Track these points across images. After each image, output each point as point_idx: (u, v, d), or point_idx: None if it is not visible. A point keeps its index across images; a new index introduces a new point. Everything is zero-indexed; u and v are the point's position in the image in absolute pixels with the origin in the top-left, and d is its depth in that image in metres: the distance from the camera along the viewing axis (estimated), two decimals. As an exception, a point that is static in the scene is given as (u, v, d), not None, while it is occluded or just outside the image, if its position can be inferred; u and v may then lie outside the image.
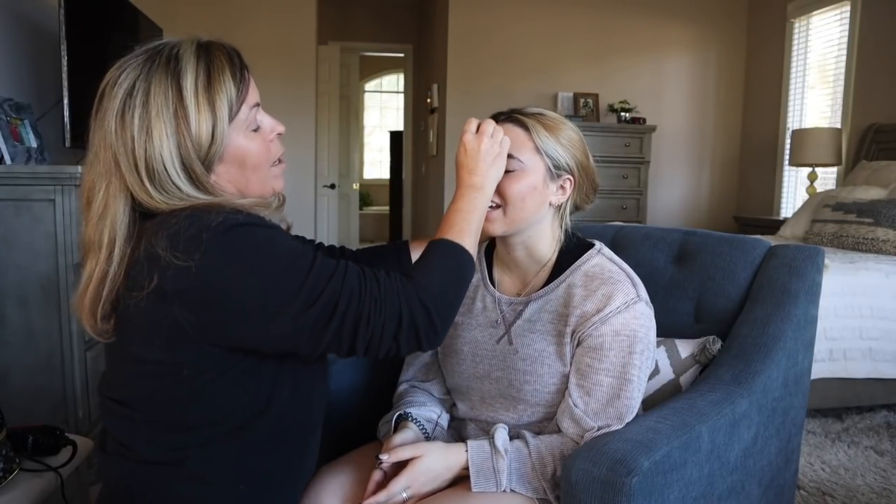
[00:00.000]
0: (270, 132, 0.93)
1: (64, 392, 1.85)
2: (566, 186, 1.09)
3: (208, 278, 0.78)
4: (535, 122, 1.07)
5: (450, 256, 0.92)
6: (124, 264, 0.83)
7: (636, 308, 1.02)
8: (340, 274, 0.84)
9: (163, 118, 0.83)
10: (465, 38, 4.96)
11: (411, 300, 0.85)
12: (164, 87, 0.83)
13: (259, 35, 4.76)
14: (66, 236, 1.81)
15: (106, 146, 0.84)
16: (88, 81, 2.35)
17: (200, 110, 0.84)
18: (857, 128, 4.13)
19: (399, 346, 0.86)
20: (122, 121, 0.83)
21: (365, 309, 0.83)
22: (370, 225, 9.68)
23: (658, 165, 5.20)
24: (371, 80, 10.38)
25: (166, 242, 0.78)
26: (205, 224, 0.79)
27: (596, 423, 1.00)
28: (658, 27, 5.18)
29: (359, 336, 0.83)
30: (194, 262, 0.77)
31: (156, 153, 0.83)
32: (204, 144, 0.85)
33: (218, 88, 0.85)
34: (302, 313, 0.80)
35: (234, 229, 0.80)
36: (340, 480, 1.07)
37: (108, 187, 0.84)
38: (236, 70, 0.88)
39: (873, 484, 2.00)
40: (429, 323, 0.86)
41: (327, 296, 0.81)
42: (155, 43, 0.88)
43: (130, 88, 0.84)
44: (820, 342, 2.39)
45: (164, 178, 0.83)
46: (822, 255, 1.27)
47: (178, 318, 0.80)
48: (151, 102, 0.83)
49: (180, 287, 0.78)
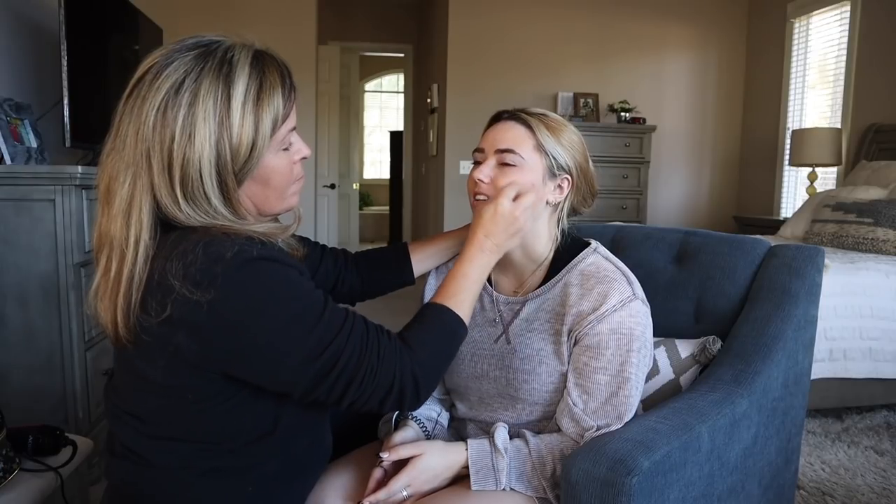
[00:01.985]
0: (296, 154, 0.92)
1: (64, 392, 1.85)
2: (563, 186, 1.10)
3: (218, 314, 0.77)
4: (537, 121, 1.07)
5: (448, 330, 0.93)
6: (147, 267, 0.81)
7: (632, 306, 1.02)
8: (347, 330, 0.84)
9: (208, 124, 0.79)
10: (465, 38, 4.96)
11: (405, 371, 0.86)
12: (214, 91, 0.80)
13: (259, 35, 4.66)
14: (66, 236, 1.81)
15: (140, 139, 0.80)
16: (88, 81, 2.36)
17: (245, 123, 0.81)
18: (857, 128, 4.13)
19: (382, 408, 0.87)
20: (163, 117, 0.79)
21: (360, 372, 0.83)
22: (370, 225, 9.68)
23: (658, 165, 5.20)
24: (371, 80, 10.38)
25: (181, 273, 0.76)
26: (219, 255, 0.77)
27: (595, 422, 1.00)
28: (658, 27, 5.18)
29: (348, 394, 0.84)
30: (206, 298, 0.76)
31: (194, 157, 0.80)
32: (241, 158, 0.82)
33: (266, 104, 0.83)
34: (305, 363, 0.81)
35: (248, 265, 0.78)
36: (342, 479, 1.08)
37: (135, 181, 0.80)
38: (286, 89, 0.86)
39: (873, 484, 2.00)
40: (414, 394, 0.87)
41: (331, 351, 0.81)
42: (206, 39, 0.84)
43: (178, 84, 0.79)
44: (820, 342, 2.39)
45: (197, 185, 0.81)
46: (822, 255, 1.27)
47: (181, 345, 0.79)
48: (199, 105, 0.79)
49: (189, 318, 0.77)
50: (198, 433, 0.86)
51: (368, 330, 0.86)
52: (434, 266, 1.26)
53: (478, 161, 1.10)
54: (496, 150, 1.07)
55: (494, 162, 1.07)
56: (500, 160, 1.06)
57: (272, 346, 0.79)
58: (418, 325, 0.92)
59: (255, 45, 0.87)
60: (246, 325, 0.78)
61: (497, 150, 1.06)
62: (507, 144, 1.06)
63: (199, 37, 0.85)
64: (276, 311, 0.79)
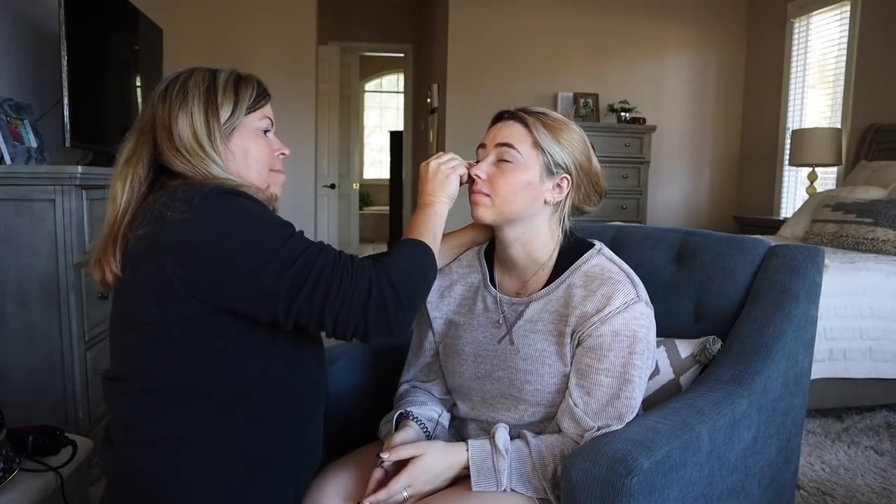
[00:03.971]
0: (276, 146, 1.08)
1: (64, 392, 1.85)
2: (563, 185, 1.10)
3: (197, 234, 0.88)
4: (535, 120, 1.09)
5: (412, 246, 1.01)
6: (132, 210, 0.95)
7: (636, 308, 1.02)
8: (318, 246, 0.92)
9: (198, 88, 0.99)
10: (464, 38, 4.96)
11: (381, 278, 0.92)
12: (201, 79, 1.01)
13: (259, 35, 4.77)
14: (66, 236, 1.81)
15: (148, 110, 1.01)
16: (88, 81, 2.36)
17: (226, 95, 1.00)
18: (857, 128, 4.13)
19: (367, 322, 0.90)
20: (165, 94, 1.00)
21: (336, 278, 0.89)
22: (370, 225, 9.68)
23: (658, 165, 5.20)
24: (371, 80, 10.38)
25: (166, 202, 0.89)
26: (199, 187, 0.91)
27: (596, 423, 1.00)
28: (658, 27, 5.18)
29: (328, 303, 0.88)
30: (184, 217, 0.86)
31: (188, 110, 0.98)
32: (226, 111, 1.00)
33: (244, 84, 1.03)
34: (279, 274, 0.87)
35: (223, 195, 0.90)
36: (342, 479, 1.08)
37: (138, 140, 0.99)
38: (261, 89, 1.06)
39: (873, 484, 2.00)
40: (396, 300, 0.91)
41: (303, 261, 0.89)
42: None
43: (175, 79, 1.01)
44: (820, 342, 2.39)
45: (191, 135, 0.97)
46: (822, 255, 1.27)
47: (168, 273, 0.88)
48: (189, 81, 1.00)
49: (172, 242, 0.88)
50: (185, 384, 0.92)
51: (339, 252, 0.95)
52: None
53: (479, 158, 1.12)
54: (497, 143, 1.09)
55: (493, 158, 1.09)
56: (500, 155, 1.08)
57: (247, 257, 0.87)
58: (388, 251, 1.01)
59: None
60: (222, 241, 0.88)
61: (498, 143, 1.09)
62: (506, 138, 1.08)
63: None
64: (248, 227, 0.89)
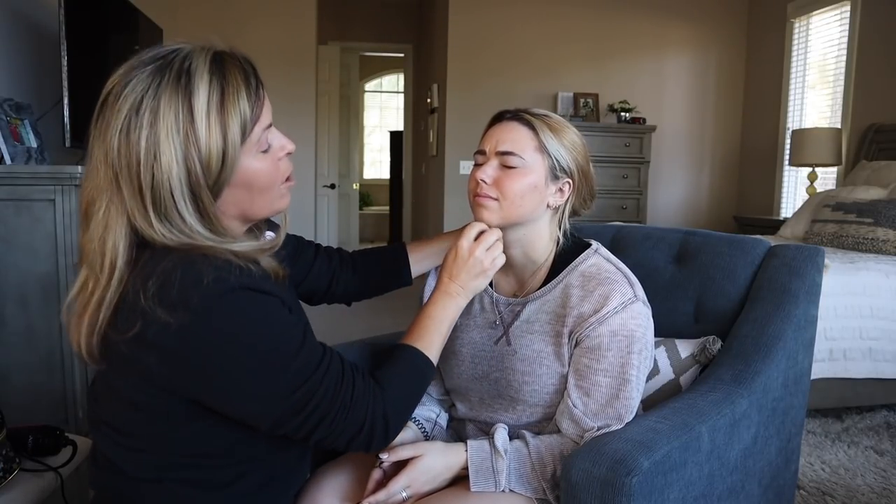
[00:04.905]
0: (280, 150, 0.88)
1: (64, 392, 1.85)
2: (565, 189, 1.09)
3: (191, 342, 0.76)
4: (540, 122, 1.07)
5: (417, 370, 0.95)
6: (120, 289, 0.79)
7: (633, 308, 1.02)
8: (323, 369, 0.83)
9: (172, 141, 0.77)
10: (464, 38, 4.96)
11: (376, 413, 0.87)
12: (174, 106, 0.77)
13: (259, 35, 4.77)
14: (66, 236, 1.81)
15: (107, 163, 0.79)
16: (88, 81, 2.37)
17: (212, 133, 0.78)
18: (857, 128, 4.13)
19: (348, 447, 0.87)
20: (126, 139, 0.77)
21: (332, 412, 0.83)
22: (370, 225, 9.68)
23: (658, 165, 5.20)
24: (371, 80, 10.38)
25: (156, 294, 0.75)
26: (196, 280, 0.75)
27: (595, 424, 1.00)
28: (658, 27, 5.18)
29: (317, 431, 0.84)
30: (179, 322, 0.74)
31: (164, 179, 0.77)
32: (214, 170, 0.80)
33: (231, 110, 0.80)
34: (276, 401, 0.80)
35: (225, 295, 0.76)
36: (339, 480, 1.07)
37: (108, 206, 0.79)
38: (251, 90, 0.82)
39: (873, 484, 1.99)
40: (383, 435, 0.88)
41: (304, 391, 0.81)
42: (164, 50, 0.81)
43: (137, 104, 0.77)
44: (820, 342, 2.39)
45: (170, 205, 0.78)
46: (822, 255, 1.27)
47: (152, 368, 0.78)
48: (160, 123, 0.77)
49: (161, 342, 0.76)
50: (168, 449, 0.85)
51: (344, 369, 0.86)
52: (433, 266, 1.26)
53: (479, 163, 1.09)
54: (497, 152, 1.06)
55: (497, 163, 1.06)
56: (503, 162, 1.06)
57: (243, 380, 0.78)
58: (391, 366, 0.93)
59: (216, 47, 0.83)
60: (218, 357, 0.77)
61: (498, 152, 1.06)
62: (508, 146, 1.05)
63: (158, 48, 0.82)
64: (250, 346, 0.78)
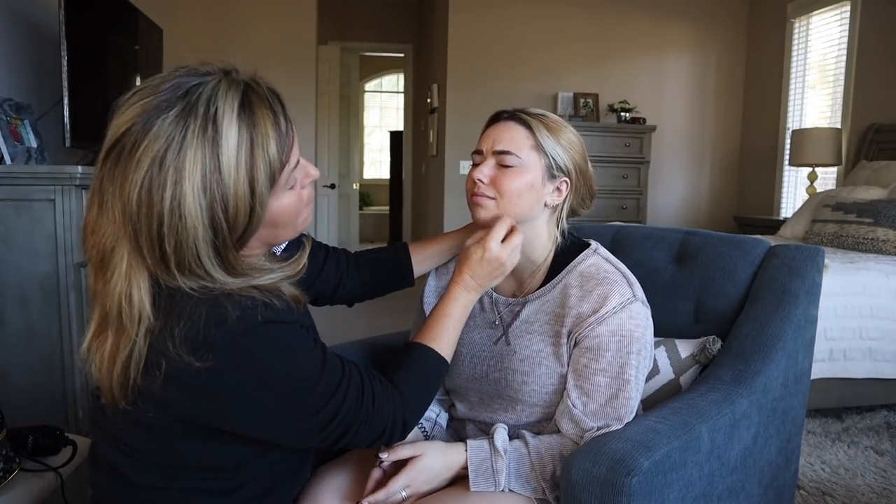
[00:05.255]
0: (305, 179, 0.86)
1: (64, 392, 1.85)
2: (562, 189, 1.09)
3: (218, 381, 0.76)
4: (537, 122, 1.07)
5: (434, 371, 0.98)
6: (148, 339, 0.76)
7: (632, 308, 1.02)
8: (344, 386, 0.85)
9: (199, 202, 0.73)
10: (464, 38, 4.96)
11: (396, 417, 0.90)
12: (201, 162, 0.73)
13: (259, 35, 4.77)
14: (66, 236, 1.81)
15: (125, 217, 0.73)
16: (88, 81, 2.36)
17: (239, 189, 0.74)
18: (857, 128, 4.13)
19: (369, 447, 0.92)
20: (148, 196, 0.72)
21: (356, 423, 0.86)
22: (370, 225, 9.68)
23: (658, 165, 5.20)
24: (371, 80, 10.38)
25: (180, 337, 0.73)
26: (220, 320, 0.74)
27: (595, 424, 1.00)
28: (658, 27, 5.18)
29: (342, 441, 0.87)
30: (205, 365, 0.73)
31: (188, 240, 0.73)
32: (240, 226, 0.77)
33: (260, 162, 0.76)
34: (300, 422, 0.82)
35: (250, 332, 0.75)
36: (339, 479, 1.07)
37: (129, 260, 0.75)
38: (281, 134, 0.78)
39: (873, 484, 1.99)
40: (402, 433, 0.92)
41: (329, 409, 0.83)
42: (185, 83, 0.76)
43: (160, 159, 0.72)
44: (820, 342, 2.39)
45: (195, 264, 0.75)
46: (822, 255, 1.27)
47: (172, 400, 0.77)
48: (186, 182, 0.72)
49: (183, 379, 0.75)
50: (179, 463, 0.85)
51: (363, 381, 0.88)
52: (434, 267, 1.26)
53: (476, 163, 1.09)
54: (494, 151, 1.07)
55: (494, 162, 1.07)
56: (500, 161, 1.06)
57: (270, 408, 0.80)
58: (408, 367, 0.96)
59: (241, 78, 0.80)
60: (245, 390, 0.78)
61: (495, 151, 1.07)
62: (505, 146, 1.06)
63: (178, 78, 0.77)
64: (276, 376, 0.78)
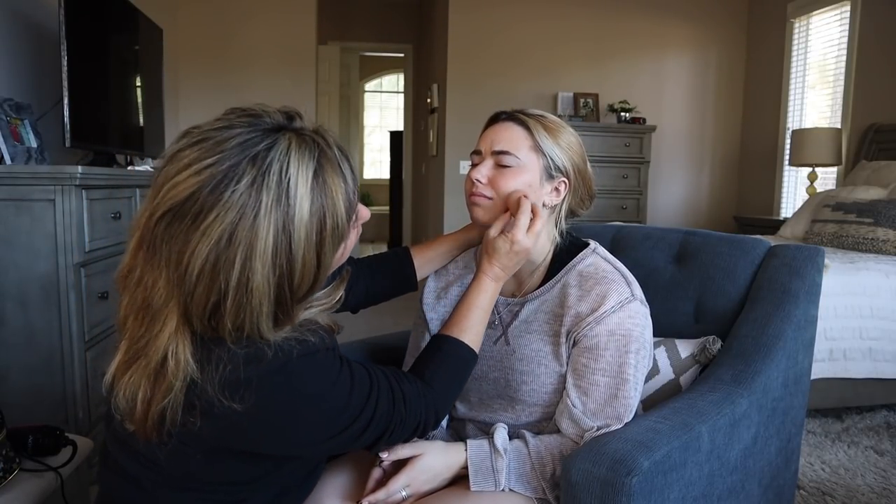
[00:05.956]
0: (357, 222, 0.85)
1: (64, 392, 1.85)
2: (560, 189, 1.10)
3: (252, 415, 0.74)
4: (535, 122, 1.07)
5: (463, 364, 0.99)
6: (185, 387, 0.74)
7: (631, 307, 1.02)
8: (374, 399, 0.84)
9: (267, 277, 0.70)
10: (464, 38, 4.96)
11: (428, 412, 0.91)
12: (273, 234, 0.70)
13: (259, 35, 4.76)
14: (66, 236, 1.81)
15: (184, 281, 0.70)
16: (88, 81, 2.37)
17: (308, 260, 0.73)
18: (857, 128, 4.13)
19: (406, 442, 0.95)
20: (213, 270, 0.69)
21: (390, 427, 0.87)
22: (370, 225, 9.66)
23: (658, 165, 5.20)
24: (371, 80, 10.37)
25: (220, 386, 0.72)
26: (258, 358, 0.73)
27: (595, 423, 1.00)
28: (658, 27, 5.18)
29: (378, 444, 0.88)
30: (244, 406, 0.72)
31: (252, 314, 0.71)
32: (302, 293, 0.76)
33: (329, 229, 0.74)
34: (335, 437, 0.82)
35: (282, 371, 0.74)
36: (340, 479, 1.08)
37: (179, 325, 0.72)
38: (350, 198, 0.77)
39: (873, 484, 1.99)
40: (434, 425, 0.94)
41: (361, 421, 0.83)
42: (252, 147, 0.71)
43: (231, 232, 0.68)
44: (820, 342, 2.39)
45: (252, 331, 0.73)
46: (822, 255, 1.27)
47: (203, 432, 0.75)
48: (256, 257, 0.69)
49: (217, 414, 0.73)
50: (196, 478, 0.84)
51: (392, 386, 0.87)
52: (435, 269, 1.26)
53: (475, 163, 1.10)
54: (492, 151, 1.07)
55: (492, 163, 1.07)
56: (498, 161, 1.07)
57: (300, 434, 0.80)
58: (439, 362, 0.96)
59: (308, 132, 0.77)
60: (277, 423, 0.77)
61: (493, 151, 1.07)
62: (503, 146, 1.06)
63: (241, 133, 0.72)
64: (308, 407, 0.78)
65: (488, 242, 1.04)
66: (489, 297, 1.03)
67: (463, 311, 1.01)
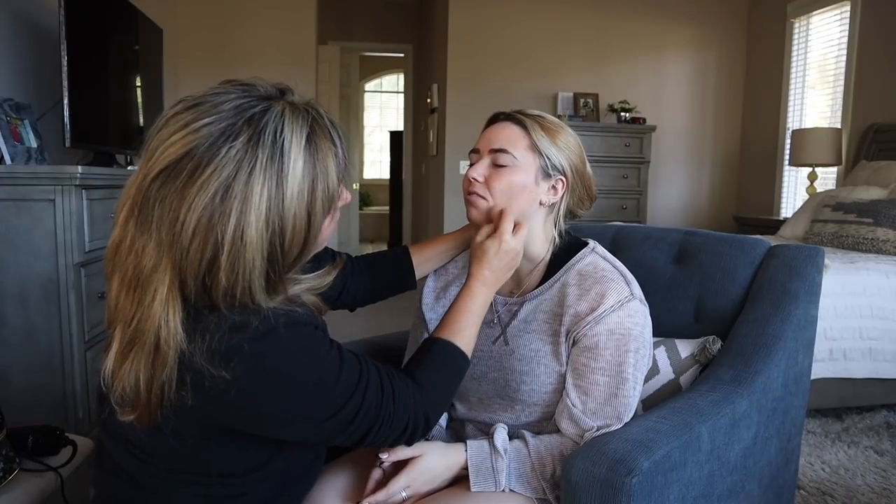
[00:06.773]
0: (340, 202, 0.85)
1: (64, 392, 1.85)
2: (558, 187, 1.10)
3: (240, 385, 0.74)
4: (532, 122, 1.08)
5: (455, 367, 0.97)
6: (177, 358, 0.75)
7: (630, 306, 1.02)
8: (363, 385, 0.84)
9: (261, 232, 0.72)
10: (464, 38, 4.96)
11: (418, 414, 0.89)
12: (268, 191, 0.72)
13: (259, 35, 4.77)
14: (66, 236, 1.81)
15: (174, 242, 0.71)
16: (88, 81, 2.36)
17: (298, 220, 0.75)
18: (857, 128, 4.13)
19: (393, 445, 0.93)
20: (209, 224, 0.71)
21: (378, 421, 0.85)
22: (370, 225, 9.69)
23: (658, 165, 5.20)
24: (371, 80, 10.38)
25: (208, 355, 0.73)
26: (243, 326, 0.74)
27: (595, 423, 1.00)
28: (658, 27, 5.18)
29: (366, 440, 0.87)
30: (233, 375, 0.73)
31: (245, 271, 0.73)
32: (292, 256, 0.78)
33: (320, 192, 0.77)
34: (323, 422, 0.82)
35: (268, 339, 0.75)
36: (340, 479, 1.08)
37: (171, 289, 0.73)
38: (339, 166, 0.80)
39: (873, 484, 1.99)
40: (425, 430, 0.91)
41: (349, 409, 0.83)
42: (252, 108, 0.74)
43: (227, 186, 0.71)
44: (820, 342, 2.39)
45: (245, 294, 0.74)
46: (822, 255, 1.27)
47: (194, 406, 0.75)
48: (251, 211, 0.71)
49: (207, 386, 0.73)
50: (191, 469, 0.84)
51: (382, 379, 0.87)
52: (434, 268, 1.26)
53: (473, 162, 1.11)
54: (490, 150, 1.08)
55: (489, 161, 1.08)
56: (494, 160, 1.07)
57: (291, 411, 0.80)
58: (429, 363, 0.95)
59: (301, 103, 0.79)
60: (263, 395, 0.77)
61: (490, 150, 1.08)
62: (500, 144, 1.07)
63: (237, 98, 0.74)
64: (296, 379, 0.78)
65: (476, 247, 1.05)
66: (480, 301, 1.01)
67: (453, 314, 1.00)
